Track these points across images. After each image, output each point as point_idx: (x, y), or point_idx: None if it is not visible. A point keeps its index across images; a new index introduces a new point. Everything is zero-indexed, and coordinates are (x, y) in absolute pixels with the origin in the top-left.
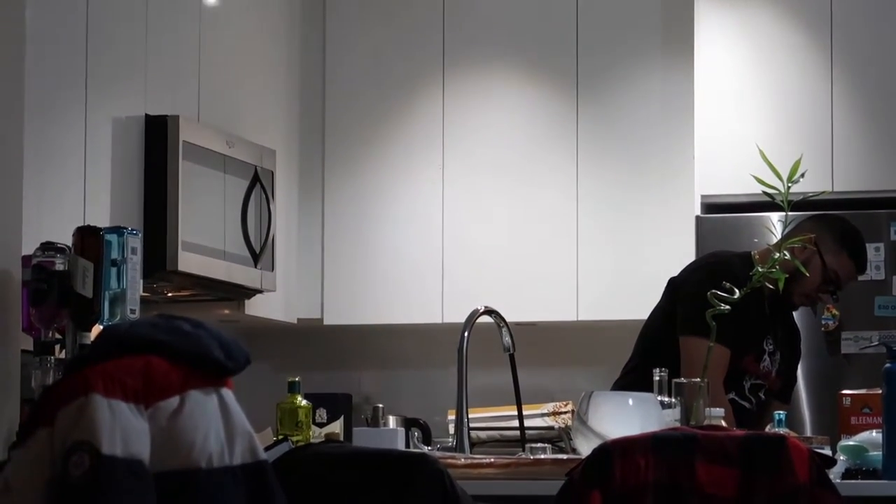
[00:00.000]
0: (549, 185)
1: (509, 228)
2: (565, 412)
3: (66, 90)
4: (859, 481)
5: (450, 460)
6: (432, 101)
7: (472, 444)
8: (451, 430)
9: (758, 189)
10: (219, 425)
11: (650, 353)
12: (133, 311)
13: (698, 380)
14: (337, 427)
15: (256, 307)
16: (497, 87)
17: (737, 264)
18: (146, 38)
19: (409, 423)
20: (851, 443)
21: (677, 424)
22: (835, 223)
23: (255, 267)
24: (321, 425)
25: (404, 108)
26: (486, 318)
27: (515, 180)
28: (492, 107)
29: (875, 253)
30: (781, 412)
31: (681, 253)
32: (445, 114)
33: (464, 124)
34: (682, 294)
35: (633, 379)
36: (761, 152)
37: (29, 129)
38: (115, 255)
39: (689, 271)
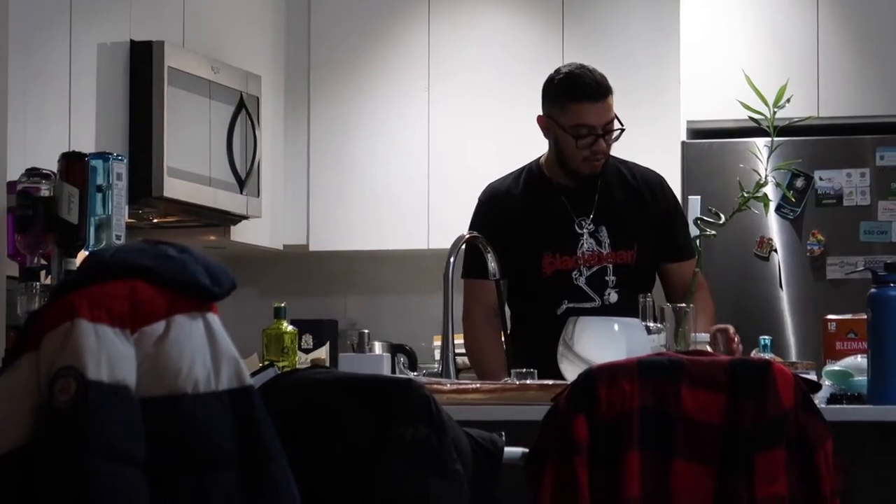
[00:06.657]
0: (534, 110)
1: (495, 154)
2: None
3: (51, 16)
4: (844, 406)
5: (436, 386)
6: (418, 26)
7: (458, 370)
8: (437, 355)
9: (744, 114)
10: (205, 350)
11: None
12: (118, 237)
13: (683, 304)
14: (323, 353)
15: (242, 233)
16: (483, 11)
17: (496, 184)
18: None
19: (394, 349)
20: (836, 368)
21: (663, 350)
22: (544, 91)
23: (241, 193)
24: (307, 351)
25: (390, 33)
26: None
27: (501, 105)
28: (477, 32)
29: (861, 178)
30: (766, 337)
31: (667, 179)
32: (431, 38)
33: (450, 49)
34: None
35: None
36: (747, 77)
37: (13, 55)
38: (100, 180)
39: None
